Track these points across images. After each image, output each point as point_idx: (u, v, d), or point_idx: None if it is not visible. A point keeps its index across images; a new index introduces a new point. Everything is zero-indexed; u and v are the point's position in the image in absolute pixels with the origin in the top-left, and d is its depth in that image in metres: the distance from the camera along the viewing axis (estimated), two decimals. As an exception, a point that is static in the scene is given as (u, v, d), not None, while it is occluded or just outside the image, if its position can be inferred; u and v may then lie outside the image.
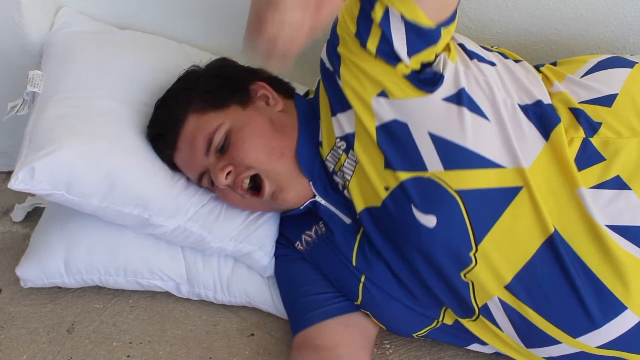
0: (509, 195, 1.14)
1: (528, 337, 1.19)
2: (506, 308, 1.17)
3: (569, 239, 1.12)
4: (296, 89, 1.45)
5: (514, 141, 1.15)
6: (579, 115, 1.18)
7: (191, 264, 1.43)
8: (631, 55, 1.32)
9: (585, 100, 1.21)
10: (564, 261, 1.12)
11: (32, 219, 1.66)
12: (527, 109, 1.18)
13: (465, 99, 1.16)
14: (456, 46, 1.24)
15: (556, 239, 1.12)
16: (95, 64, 1.43)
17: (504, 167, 1.14)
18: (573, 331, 1.14)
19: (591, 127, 1.17)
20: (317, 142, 1.30)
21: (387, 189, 1.19)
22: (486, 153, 1.14)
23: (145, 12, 1.60)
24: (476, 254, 1.15)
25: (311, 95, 1.40)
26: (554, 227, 1.12)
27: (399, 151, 1.18)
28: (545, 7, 1.46)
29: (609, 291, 1.11)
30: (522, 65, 1.27)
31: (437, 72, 1.18)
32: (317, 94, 1.33)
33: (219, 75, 1.36)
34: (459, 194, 1.14)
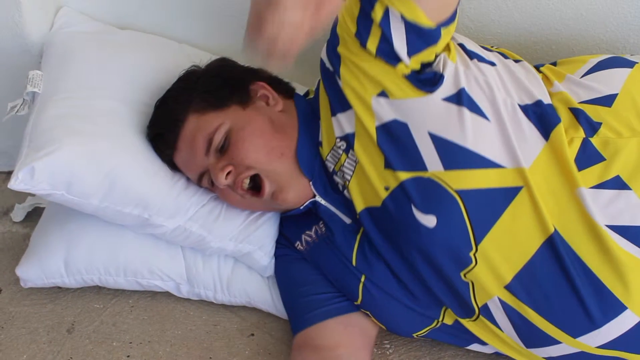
0: (509, 195, 1.14)
1: (528, 337, 1.18)
2: (506, 308, 1.17)
3: (569, 239, 1.12)
4: (296, 89, 1.45)
5: (514, 141, 1.15)
6: (579, 115, 1.18)
7: (191, 264, 1.43)
8: (631, 55, 1.32)
9: (585, 100, 1.21)
10: (564, 261, 1.12)
11: (32, 219, 1.66)
12: (527, 109, 1.18)
13: (465, 99, 1.16)
14: (456, 46, 1.24)
15: (556, 239, 1.12)
16: (95, 64, 1.43)
17: (504, 167, 1.14)
18: (573, 331, 1.14)
19: (591, 127, 1.17)
20: (317, 142, 1.30)
21: (387, 189, 1.19)
22: (486, 153, 1.14)
23: (145, 12, 1.59)
24: (476, 254, 1.15)
25: (311, 96, 1.40)
26: (554, 227, 1.12)
27: (399, 151, 1.18)
28: (545, 7, 1.46)
29: (609, 291, 1.11)
30: (522, 65, 1.27)
31: (437, 72, 1.18)
32: (317, 94, 1.33)
33: (219, 75, 1.36)
34: (459, 194, 1.14)
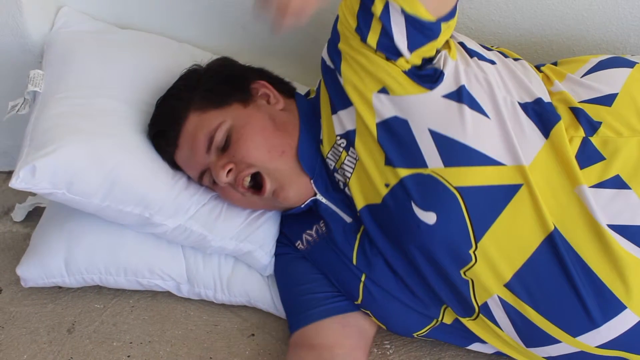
0: (509, 192, 1.14)
1: (528, 336, 1.18)
2: (506, 306, 1.17)
3: (568, 237, 1.12)
4: (297, 88, 1.45)
5: (514, 139, 1.15)
6: (579, 115, 1.18)
7: (191, 263, 1.43)
8: (632, 56, 1.33)
9: (586, 100, 1.21)
10: (563, 259, 1.12)
11: (33, 218, 1.66)
12: (526, 107, 1.18)
13: (465, 96, 1.16)
14: (456, 44, 1.25)
15: (556, 236, 1.12)
16: (96, 63, 1.43)
17: (504, 165, 1.14)
18: (573, 330, 1.14)
19: (591, 126, 1.17)
20: (318, 140, 1.30)
21: (387, 185, 1.19)
22: (486, 150, 1.14)
23: (145, 12, 1.60)
24: (476, 251, 1.15)
25: (312, 95, 1.40)
26: (554, 225, 1.12)
27: (399, 148, 1.18)
28: (546, 8, 1.46)
29: (608, 290, 1.11)
30: (522, 63, 1.28)
31: (437, 68, 1.19)
32: (318, 93, 1.33)
33: (220, 74, 1.36)
34: (458, 190, 1.14)
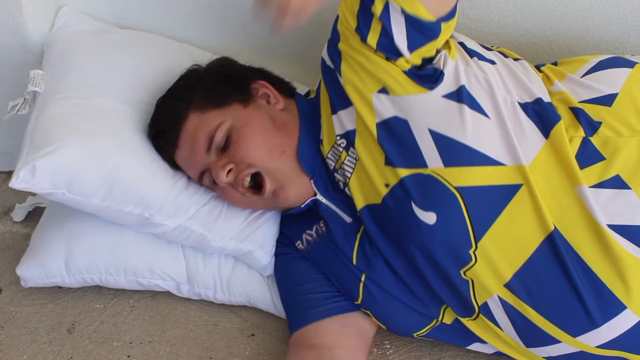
0: (509, 192, 1.14)
1: (528, 336, 1.18)
2: (506, 306, 1.17)
3: (568, 237, 1.12)
4: (297, 88, 1.45)
5: (514, 139, 1.15)
6: (579, 115, 1.18)
7: (191, 263, 1.43)
8: (632, 56, 1.33)
9: (586, 100, 1.21)
10: (563, 259, 1.12)
11: (33, 218, 1.66)
12: (526, 107, 1.18)
13: (465, 96, 1.16)
14: (456, 44, 1.25)
15: (556, 236, 1.12)
16: (96, 63, 1.43)
17: (504, 165, 1.14)
18: (573, 330, 1.14)
19: (591, 126, 1.17)
20: (318, 140, 1.30)
21: (387, 185, 1.19)
22: (486, 150, 1.14)
23: (145, 12, 1.60)
24: (476, 251, 1.14)
25: (312, 95, 1.40)
26: (554, 225, 1.12)
27: (399, 148, 1.18)
28: (546, 8, 1.46)
29: (608, 290, 1.11)
30: (522, 63, 1.28)
31: (437, 68, 1.19)
32: (318, 93, 1.33)
33: (220, 74, 1.36)
34: (458, 190, 1.14)
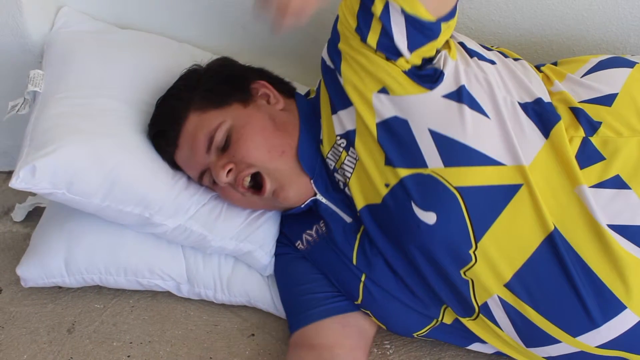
0: (508, 192, 1.14)
1: (528, 336, 1.18)
2: (506, 307, 1.16)
3: (568, 237, 1.12)
4: (297, 89, 1.45)
5: (514, 139, 1.15)
6: (579, 115, 1.18)
7: (191, 263, 1.43)
8: (632, 56, 1.32)
9: (586, 100, 1.21)
10: (563, 259, 1.12)
11: (33, 218, 1.66)
12: (526, 107, 1.18)
13: (465, 96, 1.16)
14: (456, 44, 1.25)
15: (556, 236, 1.12)
16: (96, 63, 1.43)
17: (504, 165, 1.14)
18: (572, 330, 1.14)
19: (591, 126, 1.17)
20: (318, 140, 1.30)
21: (387, 185, 1.19)
22: (486, 150, 1.14)
23: (145, 12, 1.60)
24: (476, 251, 1.14)
25: (312, 95, 1.40)
26: (554, 225, 1.12)
27: (399, 148, 1.18)
28: (546, 8, 1.46)
29: (608, 290, 1.11)
30: (522, 63, 1.28)
31: (437, 68, 1.19)
32: (318, 93, 1.33)
33: (220, 74, 1.37)
34: (458, 190, 1.14)
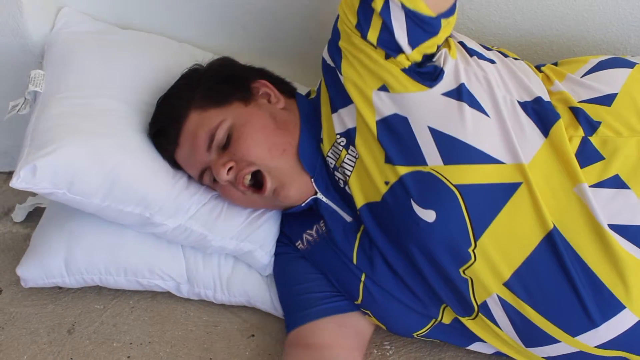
0: (508, 191, 1.14)
1: (527, 335, 1.18)
2: (505, 306, 1.16)
3: (568, 235, 1.12)
4: (297, 88, 1.45)
5: (513, 137, 1.15)
6: (578, 114, 1.19)
7: (191, 263, 1.43)
8: (632, 57, 1.32)
9: (585, 100, 1.21)
10: (563, 258, 1.12)
11: (33, 219, 1.66)
12: (526, 106, 1.18)
13: (465, 94, 1.16)
14: (456, 44, 1.25)
15: (555, 235, 1.12)
16: (96, 64, 1.43)
17: (503, 163, 1.14)
18: (572, 330, 1.14)
19: (590, 126, 1.17)
20: (318, 139, 1.30)
21: (387, 183, 1.19)
22: (486, 148, 1.14)
23: (145, 12, 1.60)
24: (475, 250, 1.14)
25: (312, 95, 1.40)
26: (553, 224, 1.12)
27: (399, 145, 1.18)
28: (546, 9, 1.47)
29: (608, 290, 1.11)
30: (521, 63, 1.28)
31: (437, 66, 1.19)
32: (318, 92, 1.33)
33: (221, 73, 1.37)
34: (458, 188, 1.14)
